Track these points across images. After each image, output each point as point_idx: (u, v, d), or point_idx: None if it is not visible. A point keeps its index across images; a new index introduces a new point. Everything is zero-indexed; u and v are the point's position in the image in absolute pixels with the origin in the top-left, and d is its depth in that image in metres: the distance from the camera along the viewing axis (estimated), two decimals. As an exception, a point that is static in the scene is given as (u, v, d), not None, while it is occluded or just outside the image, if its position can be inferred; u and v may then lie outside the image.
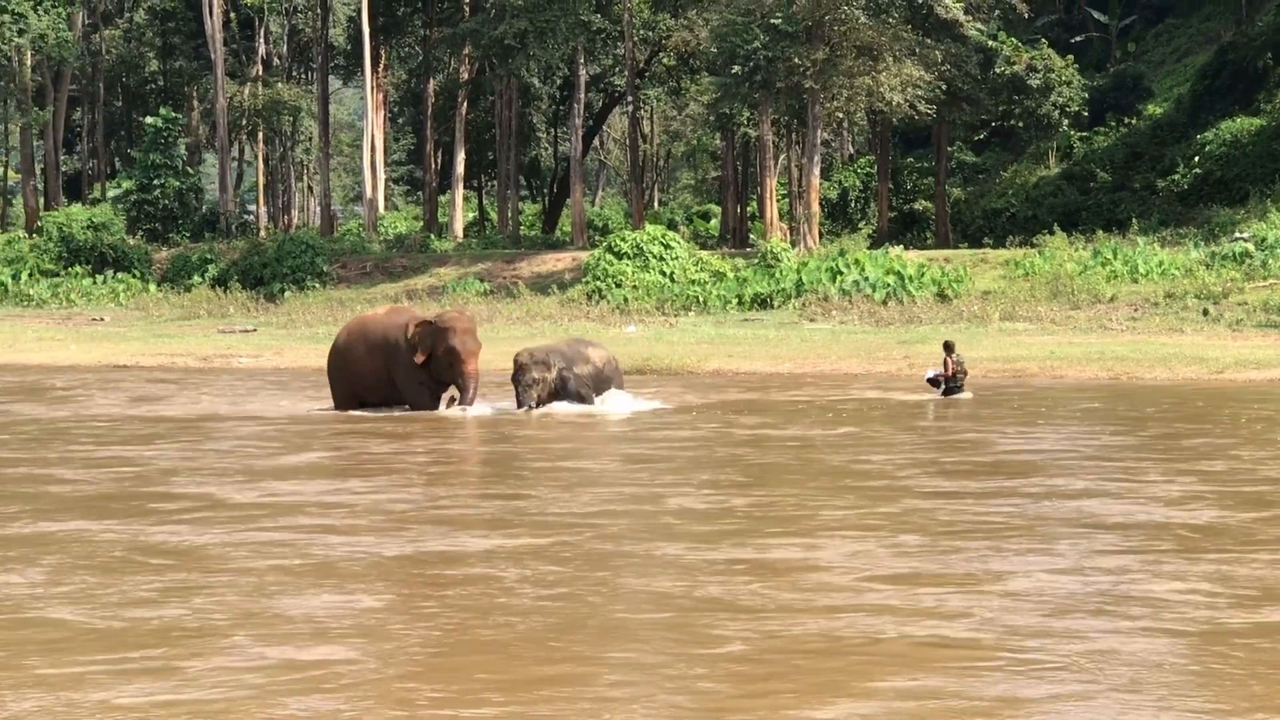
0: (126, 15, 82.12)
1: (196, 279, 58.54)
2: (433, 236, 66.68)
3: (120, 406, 27.27)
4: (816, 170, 55.27)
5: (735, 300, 49.15)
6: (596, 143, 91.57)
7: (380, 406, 25.62)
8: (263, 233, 71.31)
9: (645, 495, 15.62)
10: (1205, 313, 42.70)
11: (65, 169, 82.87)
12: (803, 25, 52.58)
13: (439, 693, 8.29)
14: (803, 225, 55.29)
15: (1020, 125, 61.55)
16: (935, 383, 28.35)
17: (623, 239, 53.44)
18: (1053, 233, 52.61)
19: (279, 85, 77.86)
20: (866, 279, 48.73)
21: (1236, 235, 49.49)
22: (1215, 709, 7.90)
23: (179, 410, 26.24)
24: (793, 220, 59.25)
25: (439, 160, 75.97)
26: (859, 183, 67.82)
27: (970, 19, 55.71)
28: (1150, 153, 58.98)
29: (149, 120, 70.76)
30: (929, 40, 54.69)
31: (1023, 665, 8.70)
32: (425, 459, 20.17)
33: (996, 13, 59.46)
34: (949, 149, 63.31)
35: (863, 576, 11.16)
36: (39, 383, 33.32)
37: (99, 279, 59.59)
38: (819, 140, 55.77)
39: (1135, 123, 61.49)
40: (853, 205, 67.60)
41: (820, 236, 56.43)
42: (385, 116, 77.57)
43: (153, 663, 8.86)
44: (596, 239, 64.15)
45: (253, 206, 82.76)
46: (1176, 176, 57.02)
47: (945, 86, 54.96)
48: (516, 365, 24.95)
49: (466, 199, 78.31)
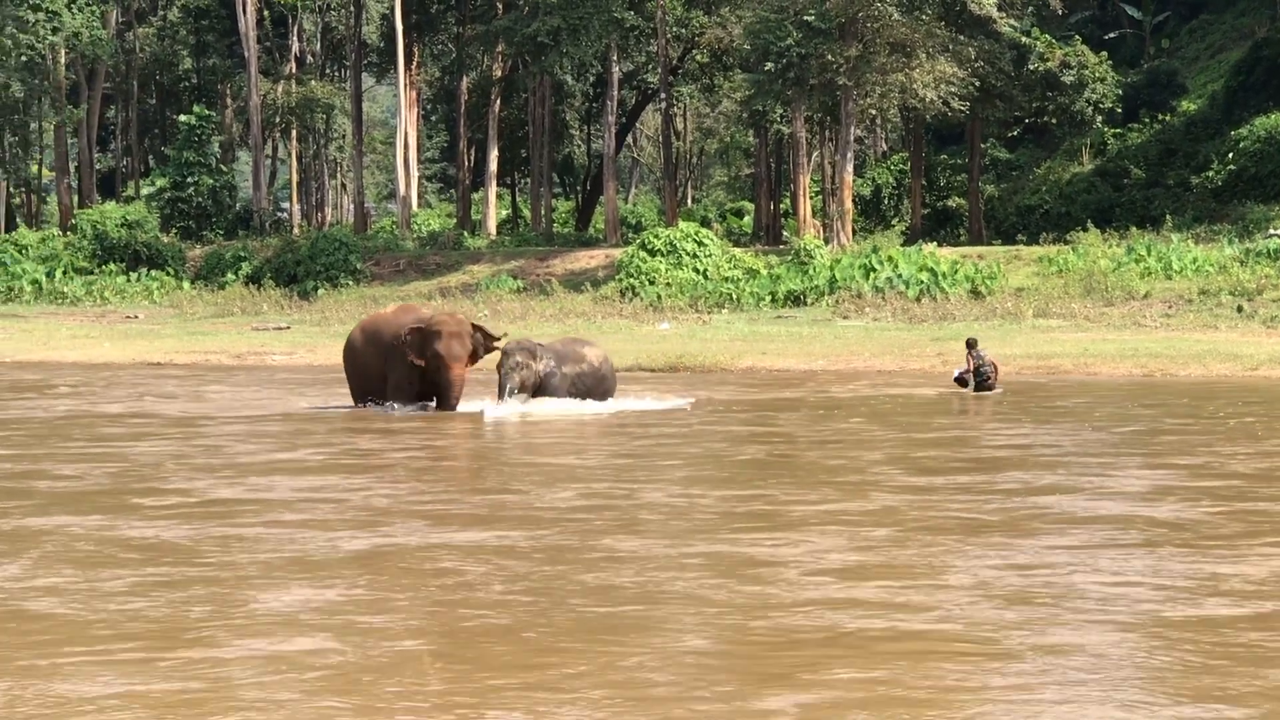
0: (160, 13, 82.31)
1: (230, 276, 58.71)
2: (466, 234, 66.73)
3: (122, 405, 27.25)
4: (849, 167, 55.26)
5: (768, 297, 49.10)
6: (629, 140, 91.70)
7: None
8: (296, 230, 71.41)
9: (621, 492, 15.57)
10: (1239, 309, 42.58)
11: (99, 167, 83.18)
12: (836, 22, 52.59)
13: (404, 686, 8.36)
14: (836, 222, 55.29)
15: (1054, 122, 61.46)
16: (963, 381, 28.41)
17: (656, 236, 53.47)
18: (1086, 229, 52.59)
19: (312, 83, 78.00)
20: (900, 276, 48.66)
21: (1271, 232, 49.39)
22: (1159, 700, 7.95)
23: (207, 408, 26.30)
24: (826, 217, 59.29)
25: (472, 157, 76.11)
26: (892, 179, 67.83)
27: (1004, 15, 55.69)
28: (1184, 149, 58.84)
29: (183, 118, 71.06)
30: (962, 36, 54.69)
31: (979, 656, 8.78)
32: (440, 459, 20.17)
33: (1030, 9, 59.46)
34: (982, 145, 63.29)
35: (825, 570, 11.24)
36: (77, 379, 33.43)
37: (133, 277, 59.78)
38: (852, 137, 55.76)
39: (1169, 119, 61.34)
40: (886, 202, 67.63)
41: (853, 233, 56.42)
42: (418, 114, 77.66)
43: (130, 654, 8.94)
44: (630, 236, 64.23)
45: (286, 204, 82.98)
46: (1210, 173, 56.86)
47: (979, 83, 54.93)
48: (502, 352, 24.43)
49: (500, 196, 78.48)
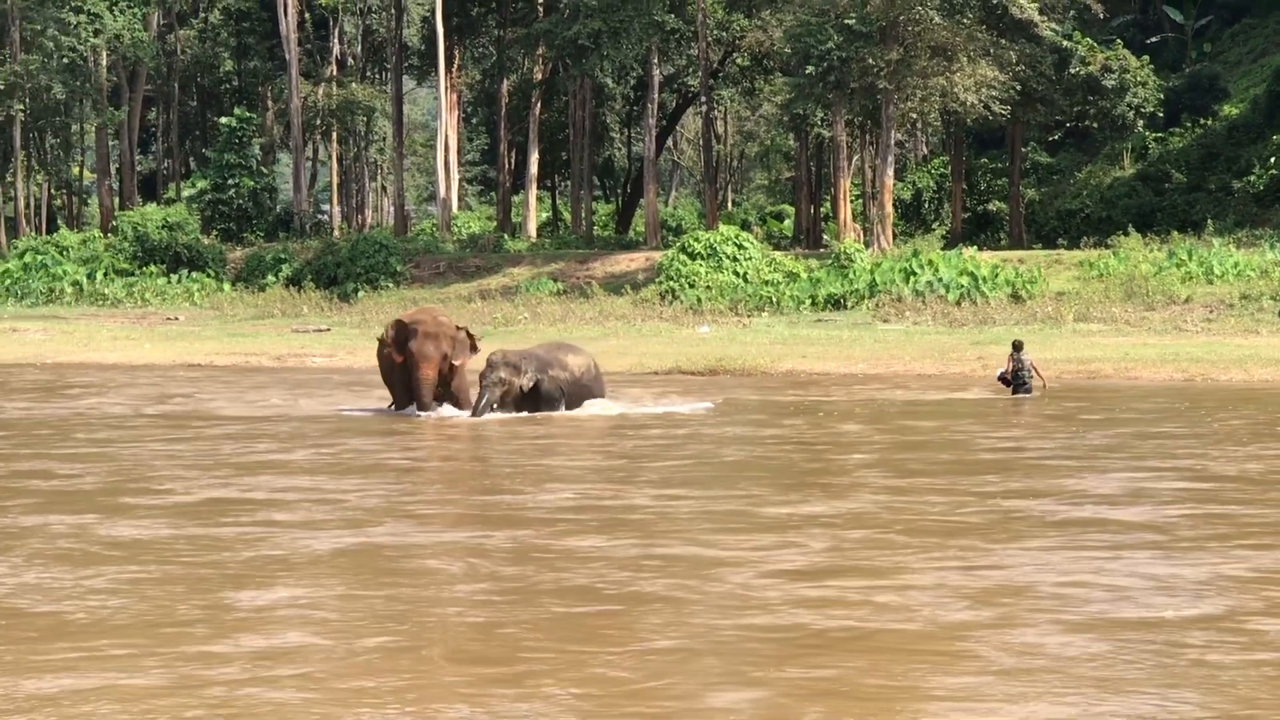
0: (201, 15, 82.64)
1: (270, 278, 58.83)
2: (506, 236, 66.74)
3: (131, 405, 27.34)
4: (890, 171, 55.18)
5: (808, 301, 49.04)
6: (670, 143, 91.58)
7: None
8: (336, 232, 71.58)
9: (611, 495, 15.64)
10: (1281, 314, 42.46)
11: (140, 169, 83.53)
12: (877, 25, 52.51)
13: (380, 682, 8.48)
14: (876, 226, 55.22)
15: (1095, 126, 61.27)
16: (1006, 380, 28.64)
17: (696, 239, 53.45)
18: (1127, 234, 52.40)
19: (353, 85, 78.08)
20: (940, 280, 48.55)
21: (1314, 237, 49.22)
22: (1122, 696, 8.04)
23: (234, 409, 26.38)
24: (866, 221, 59.15)
25: (512, 160, 76.15)
26: (933, 183, 67.69)
27: (1045, 19, 55.49)
28: (1226, 153, 58.66)
29: (224, 120, 71.29)
30: (1003, 40, 54.53)
31: (935, 656, 8.85)
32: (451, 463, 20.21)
33: (1071, 13, 59.26)
34: (1023, 150, 63.12)
35: (791, 570, 11.33)
36: (113, 379, 33.58)
37: (173, 278, 59.96)
38: (893, 141, 55.67)
39: (1211, 123, 61.11)
40: (926, 206, 67.48)
41: (894, 237, 56.30)
42: (459, 116, 77.69)
43: (117, 651, 8.99)
44: (670, 239, 64.11)
45: (326, 206, 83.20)
46: (1252, 177, 56.70)
47: (1020, 87, 54.82)
48: (487, 363, 24.57)
49: (540, 199, 78.53)
